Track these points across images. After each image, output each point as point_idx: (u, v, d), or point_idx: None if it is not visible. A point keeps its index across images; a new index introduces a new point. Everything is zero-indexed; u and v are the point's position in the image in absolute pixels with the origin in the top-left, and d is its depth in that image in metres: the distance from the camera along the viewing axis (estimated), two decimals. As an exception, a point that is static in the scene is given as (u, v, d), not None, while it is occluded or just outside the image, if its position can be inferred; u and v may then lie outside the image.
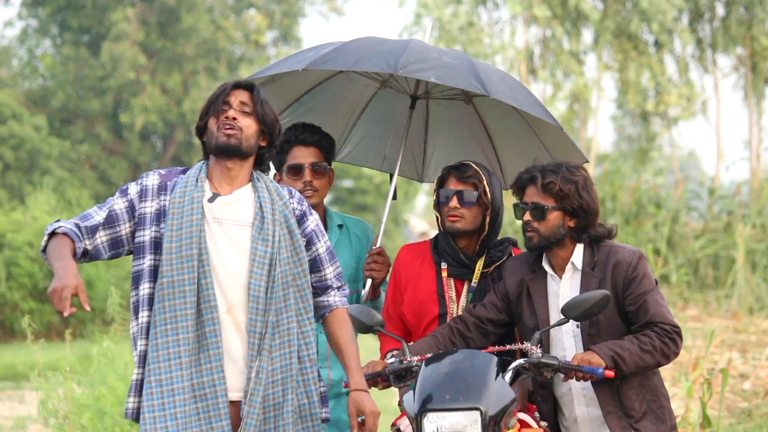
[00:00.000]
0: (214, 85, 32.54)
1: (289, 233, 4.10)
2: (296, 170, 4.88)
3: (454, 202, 4.61)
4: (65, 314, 3.72)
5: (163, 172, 4.14)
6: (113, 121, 33.58)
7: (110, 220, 4.02)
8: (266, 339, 4.00)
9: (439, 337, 4.48)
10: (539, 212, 4.39)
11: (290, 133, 4.94)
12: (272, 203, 4.10)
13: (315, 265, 4.21)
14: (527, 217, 4.40)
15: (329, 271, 4.24)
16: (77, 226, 3.98)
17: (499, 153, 5.40)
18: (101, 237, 4.02)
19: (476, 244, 4.70)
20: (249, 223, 4.06)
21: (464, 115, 5.38)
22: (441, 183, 4.68)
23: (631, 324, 4.39)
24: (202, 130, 4.15)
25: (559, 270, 4.48)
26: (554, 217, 4.39)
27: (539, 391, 4.55)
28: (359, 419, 4.05)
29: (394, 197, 5.32)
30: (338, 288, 4.27)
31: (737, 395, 10.01)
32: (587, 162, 4.90)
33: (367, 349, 5.21)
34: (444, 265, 4.69)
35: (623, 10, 27.09)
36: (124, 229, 4.04)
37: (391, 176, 5.36)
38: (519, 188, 4.48)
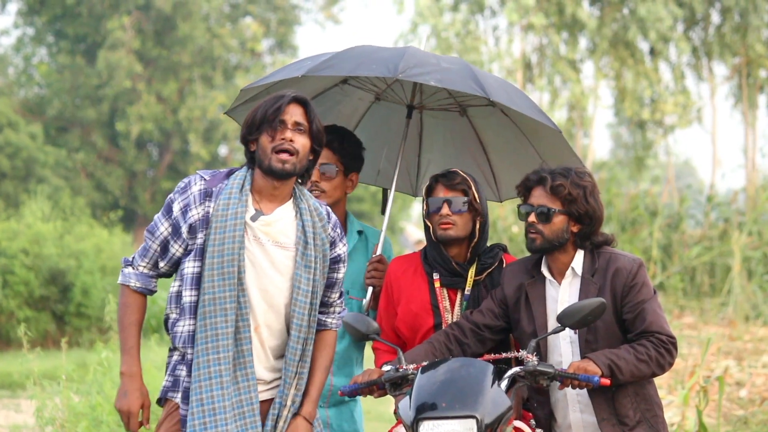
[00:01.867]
0: (211, 93, 32.58)
1: (323, 258, 4.12)
2: None
3: (445, 210, 4.61)
4: None
5: (207, 177, 4.09)
6: (109, 130, 33.58)
7: (164, 250, 4.07)
8: (303, 367, 4.08)
9: (435, 344, 4.47)
10: (545, 214, 4.39)
11: None
12: (314, 226, 4.09)
13: (328, 285, 4.23)
14: (532, 218, 4.40)
15: (337, 295, 4.27)
16: (144, 275, 4.08)
17: (493, 165, 5.40)
18: (162, 265, 4.08)
19: (467, 252, 4.70)
20: (291, 246, 4.06)
21: (458, 127, 5.39)
22: (429, 192, 4.68)
23: (627, 332, 4.39)
24: (248, 139, 4.09)
25: (559, 275, 4.48)
26: (560, 220, 4.40)
27: (535, 397, 4.55)
28: None
29: (383, 212, 5.32)
30: (339, 311, 4.30)
31: (733, 403, 10.02)
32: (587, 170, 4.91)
33: (368, 358, 5.21)
34: (436, 276, 4.69)
35: (621, 19, 27.13)
36: (177, 249, 4.05)
37: (385, 191, 5.36)
38: (526, 189, 4.48)
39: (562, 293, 4.45)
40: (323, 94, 5.33)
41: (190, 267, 4.01)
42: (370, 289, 4.91)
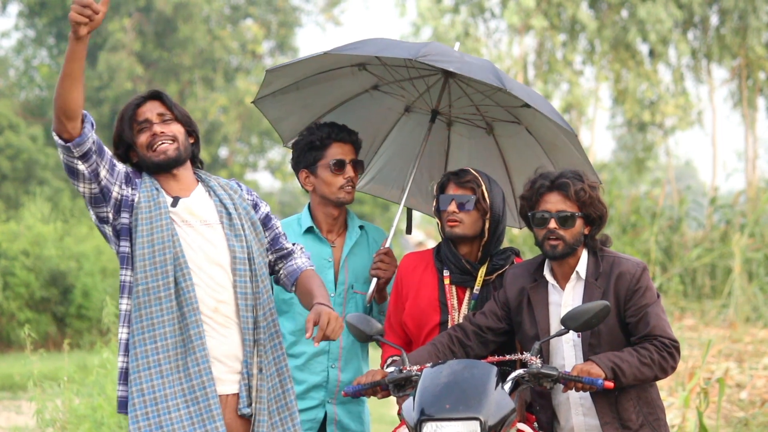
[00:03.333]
0: (211, 95, 32.59)
1: (252, 225, 4.16)
2: (340, 166, 4.93)
3: (452, 207, 4.62)
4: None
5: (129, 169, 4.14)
6: (110, 132, 32.88)
7: (113, 164, 4.05)
8: (260, 333, 4.06)
9: (438, 346, 4.47)
10: (567, 219, 4.37)
11: (326, 130, 4.98)
12: (231, 198, 4.15)
13: (276, 242, 4.28)
14: (553, 224, 4.37)
15: (288, 243, 4.32)
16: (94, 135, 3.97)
17: (515, 188, 5.36)
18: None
19: (478, 251, 4.70)
20: (216, 222, 4.09)
21: (485, 147, 5.37)
22: (441, 189, 4.69)
23: (630, 335, 4.39)
24: (124, 151, 4.16)
25: (563, 279, 4.47)
26: (579, 224, 4.40)
27: (538, 400, 4.54)
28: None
29: (409, 231, 5.34)
30: (300, 249, 4.34)
31: (734, 405, 10.01)
32: (601, 185, 4.88)
33: (372, 355, 5.23)
34: (446, 273, 4.70)
35: (620, 20, 27.14)
36: (111, 177, 4.03)
37: (409, 210, 5.38)
38: (537, 195, 4.43)
39: (566, 297, 4.44)
40: (353, 99, 5.32)
41: (126, 276, 4.03)
42: (374, 280, 4.92)
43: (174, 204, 4.08)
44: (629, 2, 26.42)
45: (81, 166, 3.93)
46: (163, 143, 4.08)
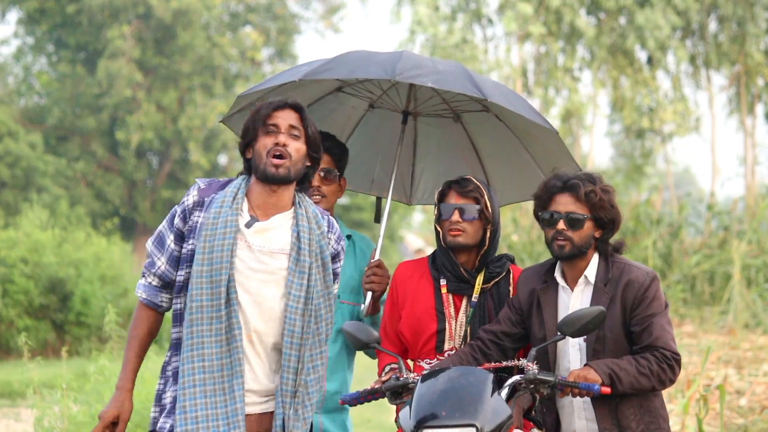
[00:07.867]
0: (210, 102, 32.60)
1: (322, 265, 4.06)
2: None
3: (455, 217, 4.61)
4: None
5: (203, 186, 4.07)
6: (109, 139, 33.60)
7: (172, 263, 4.04)
8: (302, 375, 4.00)
9: (462, 356, 4.47)
10: (576, 221, 4.37)
11: None
12: (309, 232, 4.03)
13: None
14: (562, 225, 4.37)
15: None
16: (151, 286, 4.05)
17: (488, 172, 5.39)
18: (178, 276, 4.05)
19: (476, 259, 4.70)
20: (285, 251, 4.01)
21: (453, 134, 5.39)
22: (441, 197, 4.69)
23: (633, 344, 4.38)
24: (245, 146, 4.08)
25: (572, 282, 4.47)
26: (588, 227, 4.39)
27: (544, 403, 4.54)
28: None
29: (377, 220, 5.31)
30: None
31: (733, 411, 10.01)
32: (581, 171, 4.90)
33: (365, 367, 5.22)
34: (443, 281, 4.70)
35: (619, 27, 27.18)
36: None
37: (379, 200, 5.36)
38: (548, 195, 4.43)
39: (574, 301, 4.44)
40: (318, 102, 5.33)
41: (179, 275, 4.02)
42: (369, 294, 4.90)
43: (248, 225, 3.99)
44: (627, 9, 26.45)
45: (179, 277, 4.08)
46: (279, 156, 3.99)
